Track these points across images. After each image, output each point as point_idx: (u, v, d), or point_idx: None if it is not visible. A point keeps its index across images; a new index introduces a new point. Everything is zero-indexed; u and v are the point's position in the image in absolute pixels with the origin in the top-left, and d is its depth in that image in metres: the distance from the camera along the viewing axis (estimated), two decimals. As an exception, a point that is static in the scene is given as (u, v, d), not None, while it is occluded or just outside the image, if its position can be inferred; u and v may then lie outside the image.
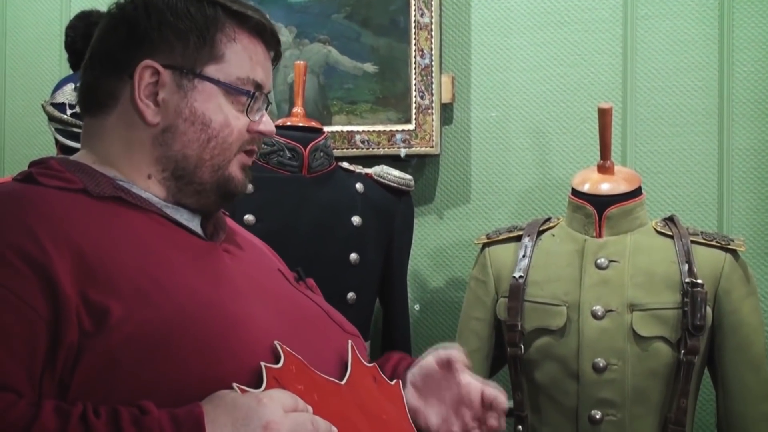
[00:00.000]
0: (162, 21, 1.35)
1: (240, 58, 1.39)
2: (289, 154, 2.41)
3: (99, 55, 1.39)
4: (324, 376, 1.28)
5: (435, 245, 2.83)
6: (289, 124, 2.48)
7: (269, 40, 1.45)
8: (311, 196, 2.41)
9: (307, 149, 2.42)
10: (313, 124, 2.51)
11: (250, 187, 2.35)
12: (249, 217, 2.34)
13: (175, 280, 1.23)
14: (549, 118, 2.76)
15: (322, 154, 2.46)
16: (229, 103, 1.38)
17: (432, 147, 2.75)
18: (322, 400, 1.24)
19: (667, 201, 2.66)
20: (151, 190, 1.37)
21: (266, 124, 1.45)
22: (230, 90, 1.38)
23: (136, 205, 1.33)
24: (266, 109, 1.46)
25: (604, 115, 2.20)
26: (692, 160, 2.67)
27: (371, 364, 1.43)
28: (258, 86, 1.41)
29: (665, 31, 2.68)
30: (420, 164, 2.84)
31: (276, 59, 1.50)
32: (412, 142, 2.76)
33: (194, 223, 1.40)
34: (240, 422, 1.10)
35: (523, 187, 2.77)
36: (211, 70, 1.36)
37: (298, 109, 2.52)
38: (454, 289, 2.78)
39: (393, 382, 1.45)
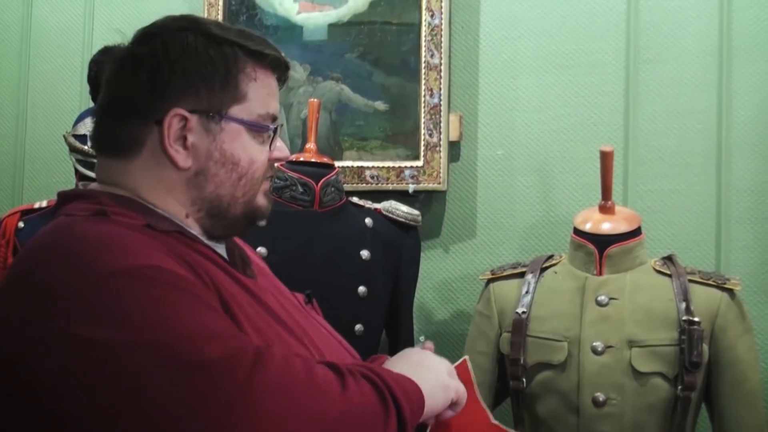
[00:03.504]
0: (186, 67, 1.36)
1: (260, 95, 1.42)
2: (301, 189, 2.46)
3: (118, 101, 1.39)
4: None
5: (441, 279, 2.88)
6: (302, 159, 2.53)
7: (282, 71, 1.49)
8: (322, 230, 2.46)
9: (319, 184, 2.47)
10: (325, 160, 2.56)
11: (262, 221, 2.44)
12: (261, 250, 2.39)
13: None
14: (553, 158, 2.82)
15: (333, 189, 2.51)
16: (252, 140, 1.41)
17: (439, 183, 2.80)
18: None
19: (667, 240, 2.71)
20: (191, 227, 1.40)
21: (281, 149, 1.48)
22: (254, 127, 1.41)
23: (194, 240, 1.36)
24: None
25: (605, 158, 2.25)
26: (691, 201, 2.72)
27: None
28: (274, 118, 1.45)
29: (666, 75, 2.74)
30: (427, 200, 2.89)
31: (282, 83, 1.52)
32: (420, 179, 2.81)
33: (224, 252, 1.45)
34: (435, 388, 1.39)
35: (527, 224, 2.82)
36: (235, 111, 1.39)
37: (310, 145, 2.57)
38: (459, 322, 2.83)
39: None
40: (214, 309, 1.23)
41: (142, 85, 1.36)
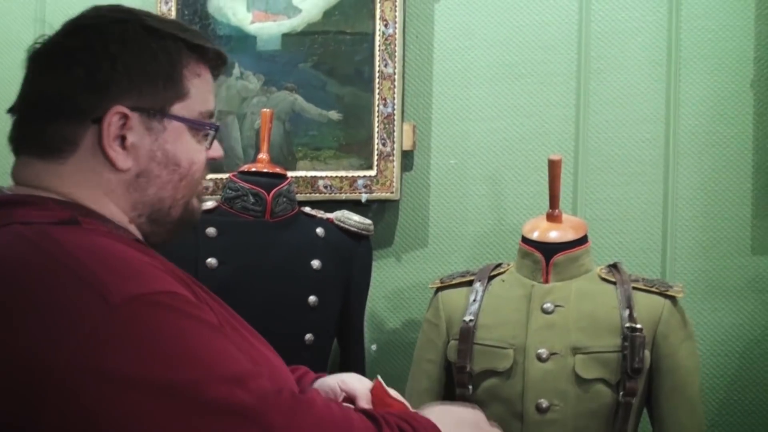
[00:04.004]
0: (128, 63, 1.29)
1: (201, 91, 1.38)
2: (252, 199, 2.48)
3: (49, 98, 1.30)
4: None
5: (393, 287, 2.90)
6: (254, 170, 2.54)
7: (220, 65, 1.44)
8: (273, 240, 2.47)
9: (271, 195, 2.49)
10: (278, 170, 2.57)
11: (213, 231, 2.45)
12: (211, 261, 2.40)
13: None
14: (505, 167, 2.85)
15: (284, 199, 2.52)
16: (192, 138, 1.37)
17: (392, 192, 2.82)
18: None
19: (615, 247, 2.74)
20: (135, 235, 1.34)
21: (216, 149, 1.44)
22: (196, 126, 1.37)
23: (147, 248, 1.29)
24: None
25: (553, 166, 2.28)
26: (639, 209, 2.75)
27: None
28: (212, 115, 1.41)
29: (616, 85, 2.78)
30: (381, 209, 2.92)
31: (217, 77, 1.47)
32: (373, 188, 2.83)
33: None
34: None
35: (479, 233, 2.85)
36: (177, 109, 1.34)
37: (263, 156, 2.59)
38: (411, 331, 2.83)
39: None
40: (228, 338, 1.18)
41: (78, 81, 1.28)
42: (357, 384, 1.57)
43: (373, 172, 2.83)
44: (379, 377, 1.59)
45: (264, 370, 1.20)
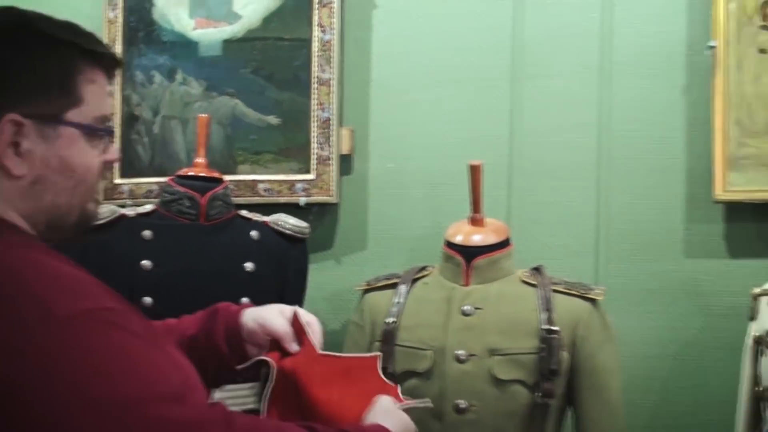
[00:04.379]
0: (20, 71, 1.29)
1: (96, 97, 1.37)
2: (187, 203, 2.51)
3: None
4: None
5: (333, 290, 2.92)
6: (190, 174, 2.58)
7: (114, 68, 1.45)
8: (207, 243, 2.51)
9: (205, 198, 2.52)
10: (214, 174, 2.61)
11: (149, 234, 2.49)
12: (146, 263, 2.44)
13: None
14: (442, 171, 2.87)
15: (220, 202, 2.56)
16: (87, 144, 1.36)
17: (330, 196, 2.85)
18: None
19: (549, 250, 2.76)
20: None
21: (111, 152, 1.44)
22: (91, 131, 1.36)
23: (69, 259, 1.30)
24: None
25: (474, 172, 2.31)
26: (572, 212, 2.78)
27: None
28: (107, 119, 1.41)
29: (550, 90, 2.81)
30: (320, 212, 2.94)
31: (112, 79, 1.47)
32: (311, 191, 2.86)
33: None
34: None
35: (417, 235, 2.87)
36: (71, 115, 1.33)
37: (200, 160, 2.62)
38: (350, 332, 2.86)
39: None
40: (161, 351, 1.24)
41: None
42: (277, 323, 1.67)
43: (311, 176, 2.86)
44: (298, 309, 1.71)
45: (195, 382, 1.25)
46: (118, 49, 2.99)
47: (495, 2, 2.86)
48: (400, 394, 1.72)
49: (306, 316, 1.72)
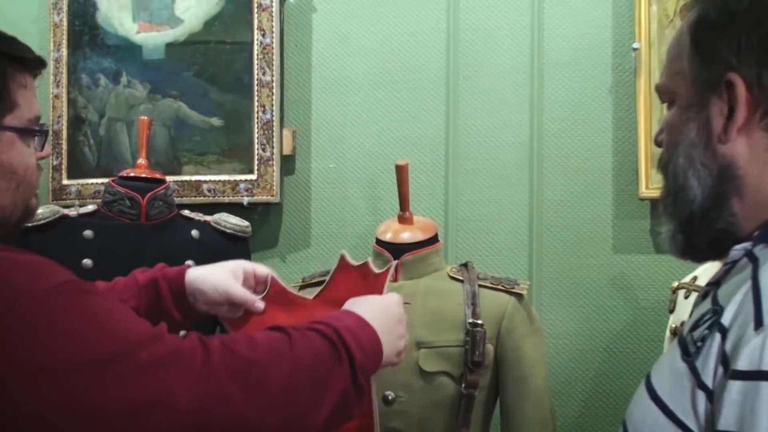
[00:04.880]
0: None
1: (27, 100, 1.43)
2: (128, 203, 2.56)
3: None
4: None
5: (277, 287, 2.98)
6: (132, 175, 2.63)
7: (39, 69, 1.49)
8: (148, 243, 2.55)
9: (146, 198, 2.57)
10: (156, 175, 2.66)
11: (90, 233, 2.53)
12: (87, 262, 2.49)
13: None
14: (381, 170, 2.94)
15: (161, 203, 2.61)
16: (23, 144, 1.42)
17: (273, 196, 2.91)
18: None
19: (485, 247, 2.85)
20: None
21: (46, 149, 1.53)
22: (27, 133, 1.42)
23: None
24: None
25: (400, 171, 2.36)
26: (507, 210, 2.86)
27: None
28: (38, 119, 1.47)
29: (483, 91, 2.89)
30: (265, 211, 3.01)
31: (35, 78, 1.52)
32: (254, 191, 2.92)
33: None
34: (388, 322, 1.64)
35: (358, 233, 2.94)
36: (7, 120, 1.38)
37: (141, 161, 2.68)
38: (291, 328, 2.91)
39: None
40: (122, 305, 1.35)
41: None
42: (236, 290, 1.84)
43: (253, 176, 2.92)
44: (253, 267, 1.93)
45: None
46: (63, 52, 3.05)
47: (430, 6, 2.94)
48: (371, 266, 1.95)
49: (262, 269, 1.90)
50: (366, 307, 1.64)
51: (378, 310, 1.64)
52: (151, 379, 1.21)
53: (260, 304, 1.85)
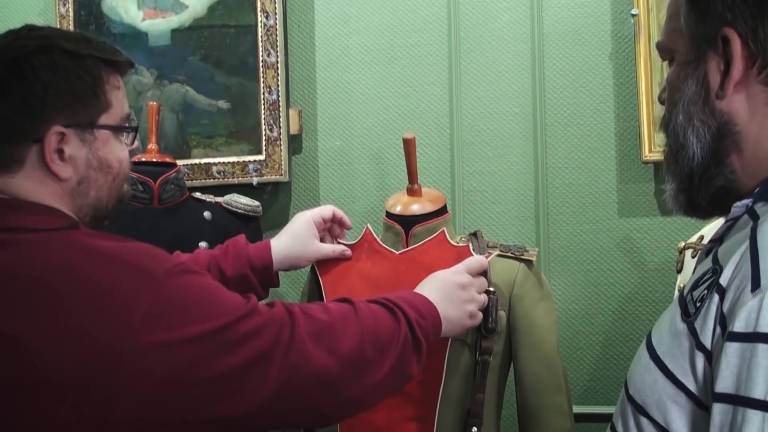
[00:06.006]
0: (59, 87, 1.45)
1: (119, 99, 1.57)
2: (141, 188, 2.58)
3: None
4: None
5: (289, 264, 2.99)
6: (143, 160, 2.64)
7: (128, 70, 1.64)
8: (161, 225, 2.57)
9: (158, 182, 2.59)
10: (167, 159, 2.67)
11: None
12: (103, 247, 2.51)
13: None
14: (387, 145, 2.95)
15: (173, 186, 2.63)
16: (117, 140, 1.57)
17: (281, 175, 2.92)
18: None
19: (493, 217, 2.86)
20: None
21: (135, 142, 1.66)
22: (120, 130, 1.57)
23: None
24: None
25: (408, 144, 2.37)
26: (513, 179, 2.87)
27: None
28: (129, 116, 1.61)
29: (485, 62, 2.88)
30: (274, 191, 3.02)
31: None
32: (263, 171, 2.93)
33: None
34: (447, 290, 1.86)
35: (366, 209, 2.95)
36: (103, 119, 1.52)
37: (152, 146, 2.69)
38: (306, 305, 2.93)
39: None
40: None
41: (18, 108, 1.44)
42: (323, 249, 2.17)
43: (262, 157, 2.93)
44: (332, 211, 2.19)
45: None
46: (70, 43, 3.05)
47: (430, -18, 2.93)
48: (472, 252, 2.09)
49: (326, 211, 2.17)
50: (423, 284, 1.89)
51: (432, 283, 1.88)
52: (249, 348, 1.38)
53: (348, 252, 2.17)
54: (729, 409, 1.02)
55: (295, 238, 2.09)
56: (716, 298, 1.09)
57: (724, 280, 1.09)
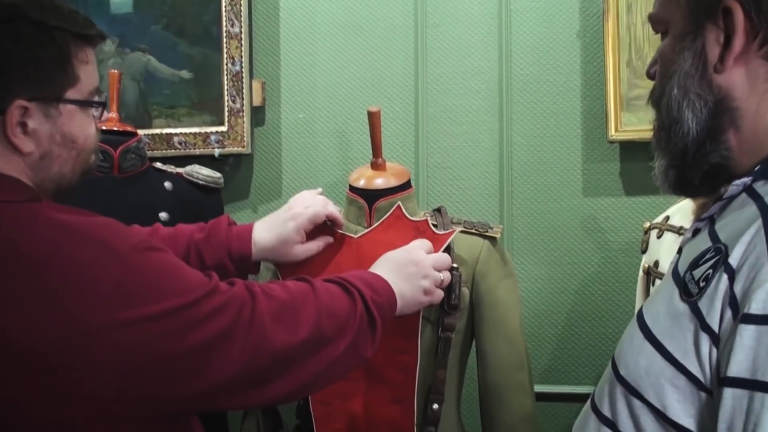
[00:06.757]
0: (23, 59, 1.39)
1: (88, 73, 1.49)
2: (101, 156, 2.51)
3: None
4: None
5: (249, 238, 2.95)
6: (104, 128, 2.57)
7: (100, 42, 1.56)
8: (122, 195, 2.51)
9: (118, 151, 2.52)
10: (128, 128, 2.60)
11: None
12: (60, 216, 2.44)
13: None
14: (351, 119, 2.90)
15: (133, 155, 2.56)
16: (83, 115, 1.49)
17: (243, 147, 2.87)
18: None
19: (457, 193, 2.82)
20: None
21: (104, 116, 1.66)
22: (87, 105, 1.50)
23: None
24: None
25: (372, 117, 2.31)
26: (477, 155, 2.83)
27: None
28: (98, 90, 1.53)
29: (452, 38, 2.84)
30: (236, 163, 2.96)
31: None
32: (225, 143, 2.87)
33: None
34: (401, 268, 1.84)
35: (329, 183, 2.90)
36: (70, 93, 1.45)
37: (112, 114, 2.61)
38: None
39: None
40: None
41: None
42: (309, 247, 2.07)
43: (224, 128, 2.88)
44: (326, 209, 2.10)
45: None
46: (29, 8, 2.97)
47: (396, -47, 2.88)
48: (431, 226, 2.06)
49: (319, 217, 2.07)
50: (377, 263, 1.88)
51: (385, 262, 1.87)
52: (211, 326, 1.36)
53: (320, 248, 2.09)
54: (743, 393, 0.97)
55: (281, 243, 2.01)
56: (725, 278, 1.04)
57: (734, 260, 1.04)
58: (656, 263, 2.25)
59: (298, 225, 2.01)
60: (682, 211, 2.22)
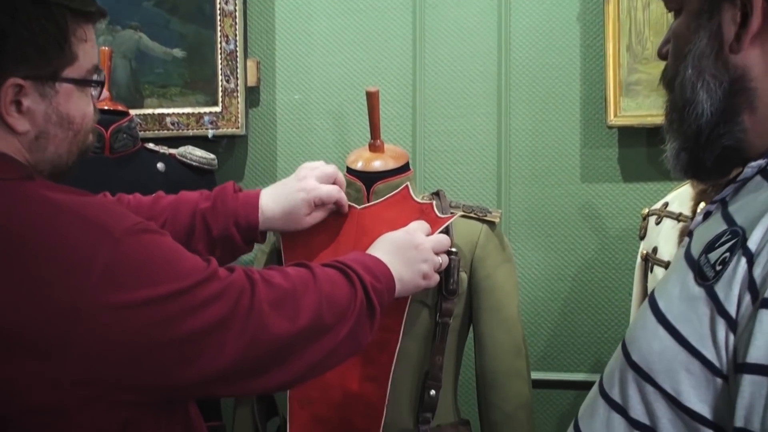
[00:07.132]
0: (19, 36, 1.34)
1: (87, 52, 1.45)
2: (92, 136, 2.47)
3: None
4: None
5: (242, 220, 2.91)
6: (94, 107, 2.53)
7: (100, 19, 1.51)
8: (113, 176, 2.46)
9: (109, 131, 2.47)
10: (119, 107, 2.56)
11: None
12: (51, 196, 2.40)
13: None
14: (347, 100, 2.86)
15: (125, 135, 2.51)
16: (81, 94, 1.45)
17: (238, 128, 2.82)
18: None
19: (454, 177, 2.79)
20: None
21: (103, 95, 1.63)
22: (85, 84, 1.46)
23: None
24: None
25: (371, 98, 2.27)
26: (475, 139, 2.79)
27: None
28: (97, 68, 1.49)
29: (451, 19, 2.79)
30: (230, 144, 2.91)
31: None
32: (219, 124, 2.83)
33: None
34: (402, 251, 1.82)
35: (325, 165, 2.87)
36: (67, 72, 1.41)
37: (104, 93, 2.58)
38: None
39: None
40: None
41: None
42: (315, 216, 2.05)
43: (218, 108, 2.83)
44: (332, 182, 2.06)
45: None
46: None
47: (396, -67, 2.82)
48: (435, 210, 2.03)
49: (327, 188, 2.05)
50: (376, 244, 1.85)
51: (385, 244, 1.84)
52: (208, 314, 1.33)
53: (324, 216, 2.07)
54: (763, 380, 0.94)
55: (289, 214, 1.97)
56: (743, 261, 1.00)
57: (753, 244, 1.00)
58: (654, 249, 2.23)
59: (309, 198, 1.97)
60: (680, 197, 2.20)
